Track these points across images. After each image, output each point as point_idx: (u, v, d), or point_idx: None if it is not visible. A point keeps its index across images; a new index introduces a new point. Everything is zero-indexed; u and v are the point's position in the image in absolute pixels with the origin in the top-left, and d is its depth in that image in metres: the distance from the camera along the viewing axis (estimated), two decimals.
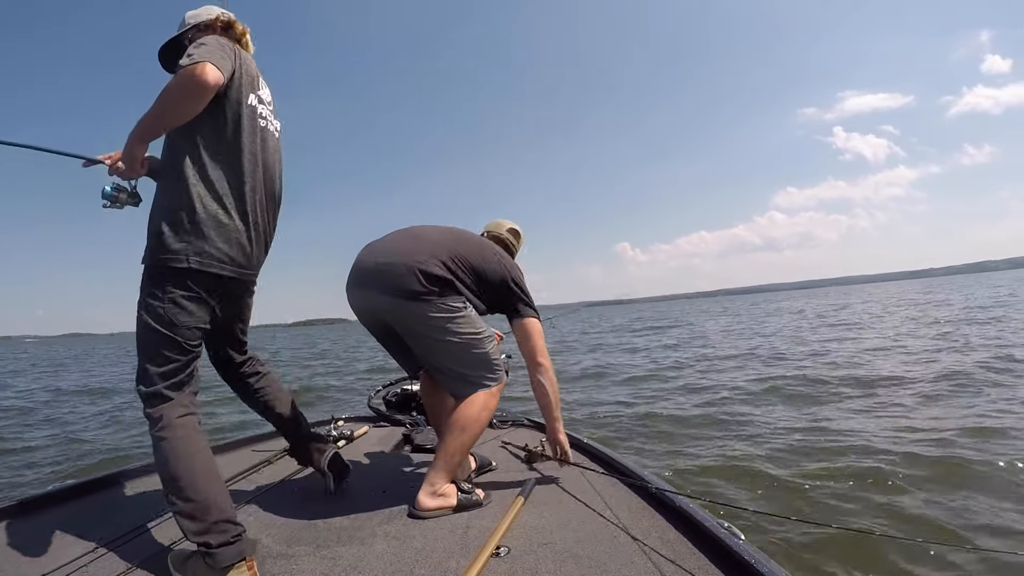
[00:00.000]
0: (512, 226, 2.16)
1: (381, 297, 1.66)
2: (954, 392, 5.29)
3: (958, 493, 2.94)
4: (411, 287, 1.62)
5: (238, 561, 1.16)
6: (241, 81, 1.36)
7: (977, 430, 3.90)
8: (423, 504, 1.55)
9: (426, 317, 1.63)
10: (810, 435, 4.17)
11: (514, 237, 2.14)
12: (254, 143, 1.39)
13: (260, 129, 1.42)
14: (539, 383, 1.80)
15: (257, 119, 1.42)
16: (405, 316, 1.67)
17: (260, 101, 1.44)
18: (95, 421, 6.87)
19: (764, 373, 7.44)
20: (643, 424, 4.94)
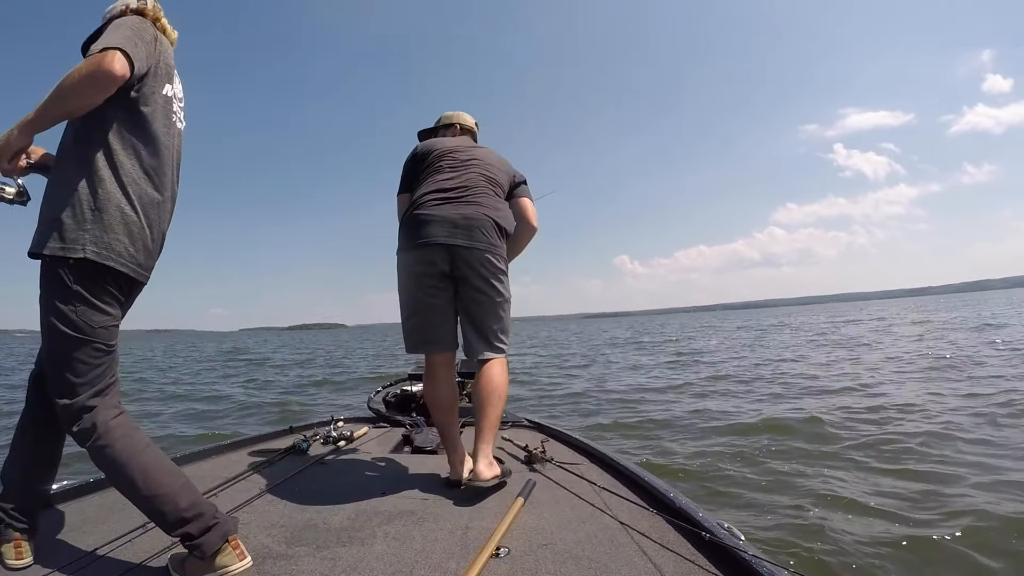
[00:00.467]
0: (471, 120, 2.31)
1: (469, 248, 1.81)
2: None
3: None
4: (492, 239, 1.85)
5: (223, 544, 1.15)
6: (158, 69, 1.26)
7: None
8: (484, 474, 1.69)
9: (495, 268, 1.86)
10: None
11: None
12: (169, 136, 1.31)
13: (172, 124, 1.33)
14: (528, 237, 2.14)
15: (171, 113, 1.33)
16: (480, 266, 1.83)
17: (174, 95, 1.35)
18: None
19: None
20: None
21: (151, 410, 7.51)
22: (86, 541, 1.34)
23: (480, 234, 1.83)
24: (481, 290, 1.84)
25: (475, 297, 1.85)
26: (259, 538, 1.37)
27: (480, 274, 1.83)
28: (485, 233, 1.84)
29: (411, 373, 3.21)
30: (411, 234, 1.85)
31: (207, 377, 12.81)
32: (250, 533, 1.40)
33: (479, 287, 1.84)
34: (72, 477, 1.88)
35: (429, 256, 1.81)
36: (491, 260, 1.85)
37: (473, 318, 1.88)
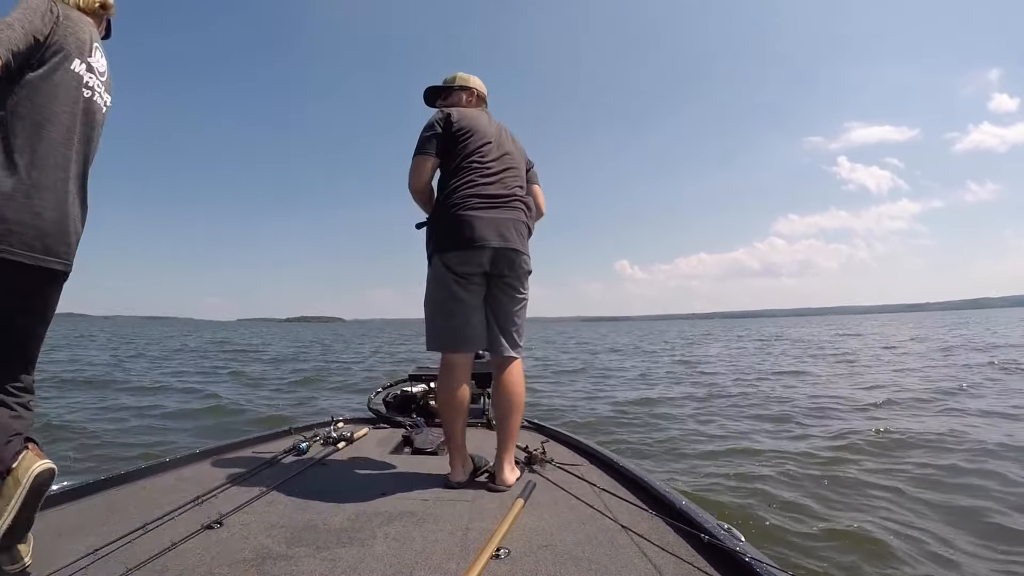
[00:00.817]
0: (476, 81, 2.20)
1: (515, 251, 1.90)
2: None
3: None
4: (524, 244, 1.95)
5: (21, 450, 1.15)
6: (64, 43, 1.23)
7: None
8: (509, 480, 1.82)
9: (527, 271, 1.98)
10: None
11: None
12: (73, 115, 1.26)
13: (84, 100, 1.29)
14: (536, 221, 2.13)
15: (82, 88, 1.28)
16: (519, 268, 1.94)
17: (89, 69, 1.31)
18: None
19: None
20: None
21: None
22: (86, 541, 1.34)
23: (520, 240, 1.94)
24: (517, 290, 1.97)
25: (511, 296, 1.96)
26: (259, 538, 1.37)
27: (517, 275, 1.95)
28: (523, 237, 1.96)
29: (411, 374, 3.21)
30: (459, 234, 1.86)
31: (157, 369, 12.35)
32: (250, 534, 1.40)
33: (515, 287, 1.96)
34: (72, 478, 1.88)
35: (477, 257, 1.86)
36: (526, 262, 1.97)
37: (504, 318, 1.95)
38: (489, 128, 2.02)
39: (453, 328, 1.89)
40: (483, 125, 2.01)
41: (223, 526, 1.45)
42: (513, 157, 2.03)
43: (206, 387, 9.11)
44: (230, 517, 1.51)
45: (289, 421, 3.41)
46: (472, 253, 1.85)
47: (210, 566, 1.21)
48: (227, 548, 1.31)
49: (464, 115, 2.00)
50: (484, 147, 1.96)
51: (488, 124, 2.03)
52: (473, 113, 2.04)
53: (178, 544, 1.31)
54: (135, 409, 6.75)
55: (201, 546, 1.32)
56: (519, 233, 1.93)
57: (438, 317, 1.92)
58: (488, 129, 2.01)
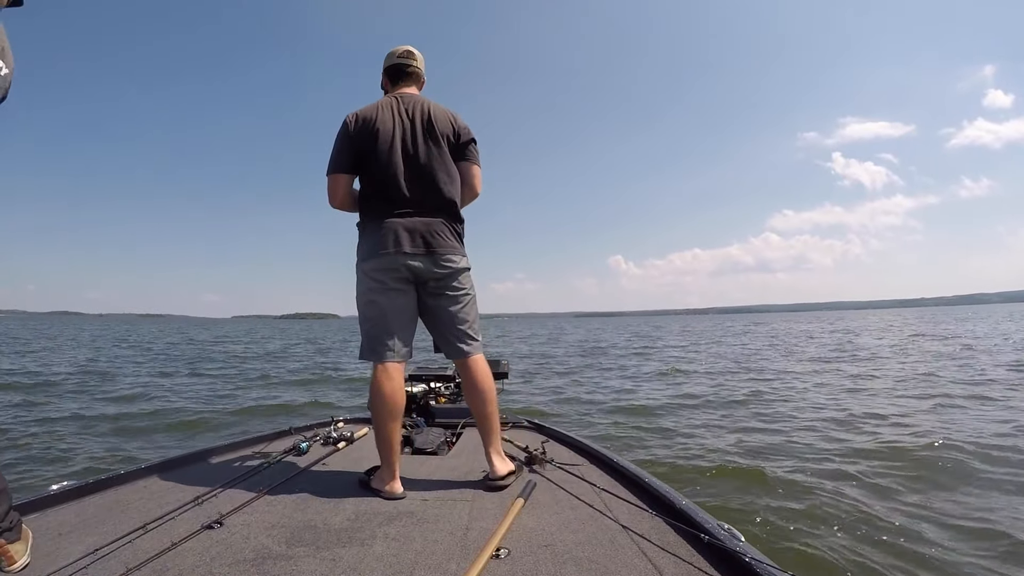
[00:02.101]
0: (409, 52, 2.05)
1: (431, 258, 1.83)
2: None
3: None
4: (454, 243, 1.88)
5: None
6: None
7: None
8: (501, 472, 1.84)
9: (462, 272, 1.90)
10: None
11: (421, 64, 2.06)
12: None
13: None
14: (469, 201, 2.00)
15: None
16: (449, 274, 1.87)
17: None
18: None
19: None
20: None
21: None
22: (86, 541, 1.34)
23: (441, 240, 1.84)
24: (450, 294, 1.89)
25: (447, 299, 1.89)
26: (259, 538, 1.37)
27: (447, 279, 1.88)
28: (445, 238, 1.86)
29: (411, 374, 3.21)
30: (374, 243, 1.82)
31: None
32: (250, 533, 1.41)
33: (447, 291, 1.89)
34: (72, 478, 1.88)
35: (392, 263, 1.80)
36: (452, 260, 1.87)
37: (449, 321, 1.90)
38: (397, 119, 1.88)
39: (379, 334, 1.84)
40: (388, 119, 1.87)
41: (223, 526, 1.45)
42: (436, 150, 1.88)
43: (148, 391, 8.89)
44: (230, 517, 1.52)
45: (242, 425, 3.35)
46: (386, 260, 1.80)
47: (210, 566, 1.21)
48: (227, 548, 1.31)
49: (374, 116, 1.88)
50: (400, 146, 1.85)
51: (403, 118, 1.88)
52: (384, 109, 1.90)
53: (178, 544, 1.31)
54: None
55: (201, 546, 1.32)
56: (442, 235, 1.85)
57: (368, 326, 1.86)
58: (396, 123, 1.87)
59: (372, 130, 1.84)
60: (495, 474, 1.82)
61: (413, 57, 2.03)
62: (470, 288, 1.95)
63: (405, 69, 2.01)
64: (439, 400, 3.06)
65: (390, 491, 1.73)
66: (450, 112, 1.96)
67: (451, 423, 2.77)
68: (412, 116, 1.89)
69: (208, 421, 6.37)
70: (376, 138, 1.84)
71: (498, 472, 1.82)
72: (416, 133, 1.87)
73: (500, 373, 2.94)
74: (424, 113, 1.90)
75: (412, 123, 1.88)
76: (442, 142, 1.89)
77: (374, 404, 1.81)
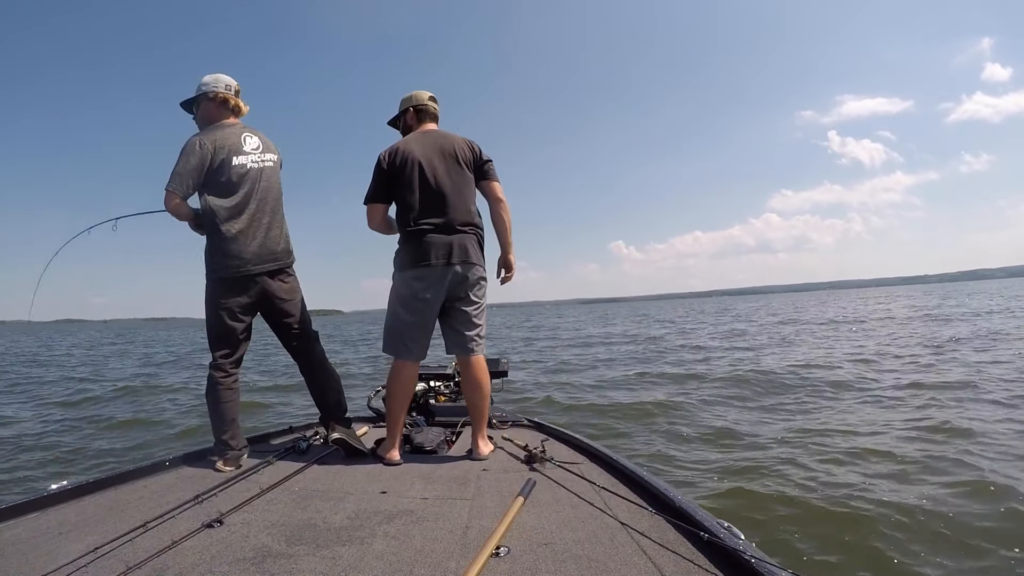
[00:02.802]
0: (434, 98, 2.38)
1: (464, 267, 2.15)
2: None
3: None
4: (480, 255, 2.22)
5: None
6: None
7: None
8: (484, 451, 2.17)
9: (483, 279, 2.24)
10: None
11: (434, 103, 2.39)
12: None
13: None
14: (501, 215, 2.28)
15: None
16: (476, 281, 2.21)
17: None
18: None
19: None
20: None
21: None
22: (86, 540, 1.34)
23: (471, 252, 2.18)
24: (472, 298, 2.23)
25: (468, 302, 2.23)
26: (259, 537, 1.37)
27: (472, 286, 2.22)
28: (474, 250, 2.20)
29: None
30: (416, 255, 2.14)
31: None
32: (250, 532, 1.41)
33: (470, 296, 2.23)
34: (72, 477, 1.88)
35: (432, 273, 2.13)
36: (478, 271, 2.22)
37: (464, 322, 2.22)
38: (432, 154, 2.20)
39: (401, 336, 2.21)
40: (425, 153, 2.19)
41: (223, 525, 1.45)
42: (451, 181, 2.18)
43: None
44: (230, 516, 1.52)
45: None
46: (436, 283, 2.15)
47: (210, 564, 1.21)
48: (227, 547, 1.31)
49: (413, 152, 2.19)
50: (430, 173, 2.17)
51: (436, 155, 2.20)
52: (417, 143, 2.23)
53: (178, 543, 1.32)
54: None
55: (201, 545, 1.32)
56: (471, 248, 2.19)
57: (395, 323, 2.22)
58: (432, 156, 2.19)
59: (405, 163, 2.17)
60: (479, 455, 2.16)
61: (436, 101, 2.39)
62: (485, 295, 2.28)
63: (430, 111, 2.36)
64: (439, 399, 3.06)
65: (390, 458, 2.13)
66: (466, 141, 2.28)
67: (451, 422, 2.77)
68: (440, 149, 2.21)
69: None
70: (411, 170, 2.17)
71: (482, 453, 2.17)
72: (445, 163, 2.20)
73: (500, 372, 2.95)
74: (448, 146, 2.23)
75: (441, 154, 2.20)
76: (464, 169, 2.22)
77: (390, 389, 2.23)
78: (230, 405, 2.15)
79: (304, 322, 2.32)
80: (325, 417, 2.32)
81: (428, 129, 2.32)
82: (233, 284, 2.15)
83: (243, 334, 2.21)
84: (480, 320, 2.24)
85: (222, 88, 2.24)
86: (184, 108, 2.31)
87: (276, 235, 2.24)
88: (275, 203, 2.26)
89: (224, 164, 2.13)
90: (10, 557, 1.29)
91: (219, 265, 2.14)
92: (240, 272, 2.13)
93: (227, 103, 2.25)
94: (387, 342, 2.23)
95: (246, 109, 2.33)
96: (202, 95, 2.24)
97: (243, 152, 2.18)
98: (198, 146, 2.11)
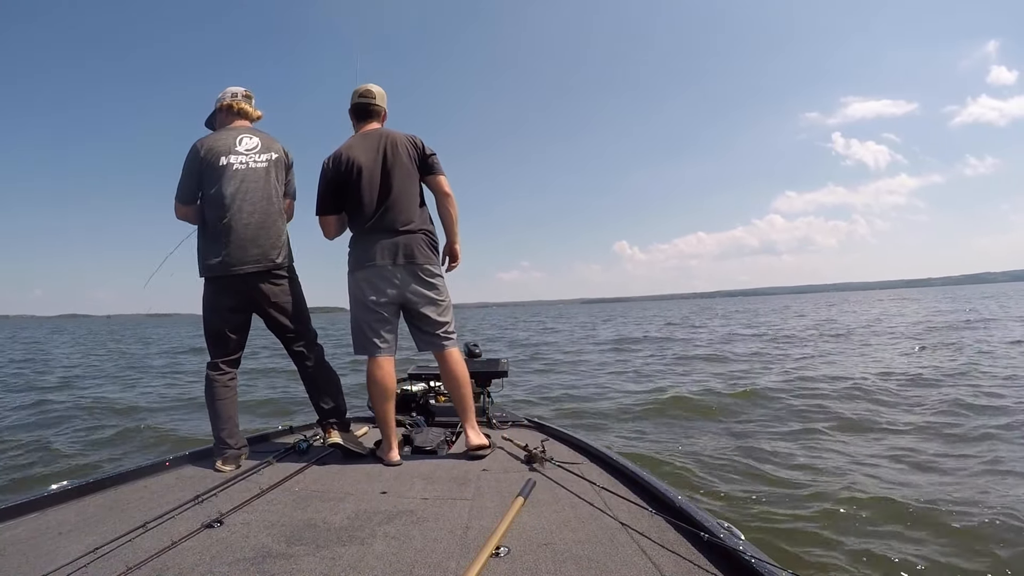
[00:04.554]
0: (368, 91, 2.31)
1: (412, 267, 2.16)
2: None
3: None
4: (430, 253, 2.22)
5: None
6: None
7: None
8: (476, 443, 2.15)
9: (438, 277, 2.23)
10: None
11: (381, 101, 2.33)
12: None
13: None
14: (448, 208, 2.25)
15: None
16: (429, 280, 2.19)
17: None
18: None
19: None
20: None
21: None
22: (86, 540, 1.34)
23: (420, 252, 2.19)
24: (431, 296, 2.22)
25: (427, 301, 2.22)
26: (259, 537, 1.37)
27: (427, 285, 2.22)
28: (423, 250, 2.20)
29: (411, 373, 3.21)
30: (364, 257, 2.17)
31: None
32: (250, 532, 1.41)
33: (428, 294, 2.22)
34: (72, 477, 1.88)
35: (380, 273, 2.16)
36: (430, 269, 2.22)
37: (428, 320, 2.23)
38: (370, 156, 2.17)
39: (367, 334, 2.21)
40: (362, 156, 2.17)
41: (223, 525, 1.45)
42: (393, 181, 2.16)
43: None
44: (230, 516, 1.52)
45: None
46: (389, 286, 2.18)
47: (210, 565, 1.21)
48: (227, 547, 1.31)
49: (336, 159, 2.19)
50: (361, 182, 2.16)
51: (375, 155, 2.17)
52: (357, 147, 2.20)
53: (178, 543, 1.32)
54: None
55: (201, 545, 1.32)
56: (421, 256, 2.20)
57: (357, 324, 2.24)
58: (368, 160, 2.16)
59: (346, 169, 2.16)
60: (470, 445, 2.16)
61: (372, 95, 2.30)
62: (445, 292, 2.26)
63: (367, 109, 2.29)
64: (439, 399, 3.06)
65: (389, 459, 2.12)
66: (408, 137, 2.24)
67: (451, 422, 2.76)
68: (382, 150, 2.18)
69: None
70: (356, 175, 2.15)
71: (472, 443, 2.16)
72: (387, 164, 2.16)
73: (500, 372, 2.95)
74: (390, 145, 2.19)
75: (383, 155, 2.17)
76: (409, 166, 2.20)
77: (370, 390, 2.20)
78: (226, 403, 2.15)
79: (301, 324, 2.28)
80: (322, 420, 2.32)
81: (368, 130, 2.27)
82: (219, 284, 2.16)
83: (236, 333, 2.21)
84: (444, 317, 2.23)
85: (228, 96, 2.29)
86: (208, 126, 2.38)
87: (266, 235, 2.16)
88: (265, 203, 2.18)
89: (212, 165, 2.15)
90: (10, 557, 1.29)
91: (203, 265, 2.17)
92: (223, 272, 2.12)
93: (232, 108, 2.29)
94: (355, 344, 2.24)
95: (256, 113, 2.34)
96: (215, 109, 2.32)
97: (234, 152, 2.18)
98: (192, 151, 2.18)
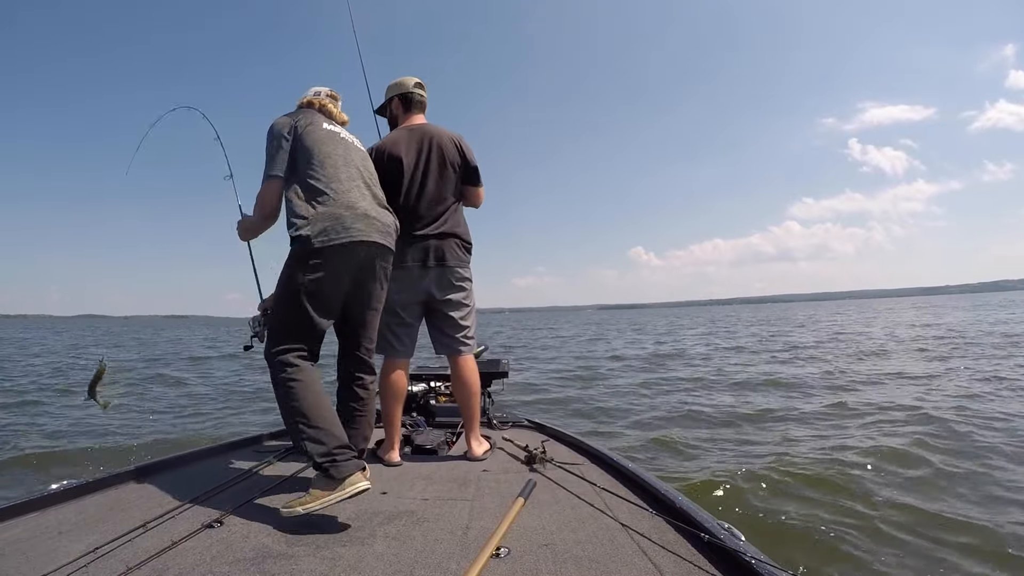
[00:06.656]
0: (421, 84, 2.27)
1: (444, 270, 2.15)
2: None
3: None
4: (463, 256, 2.20)
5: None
6: None
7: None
8: (478, 452, 2.16)
9: (467, 282, 2.23)
10: None
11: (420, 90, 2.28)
12: None
13: None
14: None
15: None
16: (458, 284, 2.18)
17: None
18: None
19: None
20: None
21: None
22: (86, 540, 1.34)
23: (452, 255, 2.18)
24: (457, 300, 2.23)
25: (453, 305, 2.21)
26: (259, 537, 1.37)
27: (456, 288, 2.21)
28: (455, 253, 2.18)
29: (411, 373, 3.21)
30: (396, 258, 2.06)
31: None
32: (250, 532, 1.41)
33: (455, 298, 2.22)
34: (72, 477, 1.88)
35: (410, 274, 2.14)
36: (460, 272, 2.21)
37: (451, 324, 2.21)
38: (410, 158, 2.14)
39: (386, 335, 2.17)
40: (403, 158, 2.13)
41: (223, 525, 1.45)
42: (435, 183, 2.15)
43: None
44: (230, 516, 1.52)
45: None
46: (418, 285, 2.17)
47: (210, 565, 1.21)
48: (227, 547, 1.31)
49: (381, 150, 2.14)
50: (404, 179, 2.12)
51: (410, 150, 2.14)
52: (393, 145, 2.16)
53: (178, 543, 1.31)
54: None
55: (201, 545, 1.32)
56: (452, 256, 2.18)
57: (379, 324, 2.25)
58: (407, 159, 2.14)
59: (392, 164, 2.11)
60: (473, 455, 2.16)
61: (424, 88, 2.26)
62: (472, 296, 2.25)
63: (417, 100, 2.24)
64: (439, 399, 3.06)
65: (389, 459, 2.12)
66: (454, 140, 2.19)
67: (451, 422, 2.76)
68: (427, 148, 2.14)
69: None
70: (395, 170, 2.11)
71: (475, 453, 2.17)
72: (430, 163, 2.14)
73: (500, 373, 2.95)
74: (435, 144, 2.15)
75: (427, 154, 2.14)
76: (450, 170, 2.17)
77: (381, 389, 2.16)
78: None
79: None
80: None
81: (415, 124, 2.21)
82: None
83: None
84: (466, 322, 2.22)
85: (311, 94, 1.99)
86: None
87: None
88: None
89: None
90: (10, 557, 1.29)
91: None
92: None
93: (312, 106, 1.96)
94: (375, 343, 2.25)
95: (342, 116, 1.99)
96: (297, 105, 1.97)
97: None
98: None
